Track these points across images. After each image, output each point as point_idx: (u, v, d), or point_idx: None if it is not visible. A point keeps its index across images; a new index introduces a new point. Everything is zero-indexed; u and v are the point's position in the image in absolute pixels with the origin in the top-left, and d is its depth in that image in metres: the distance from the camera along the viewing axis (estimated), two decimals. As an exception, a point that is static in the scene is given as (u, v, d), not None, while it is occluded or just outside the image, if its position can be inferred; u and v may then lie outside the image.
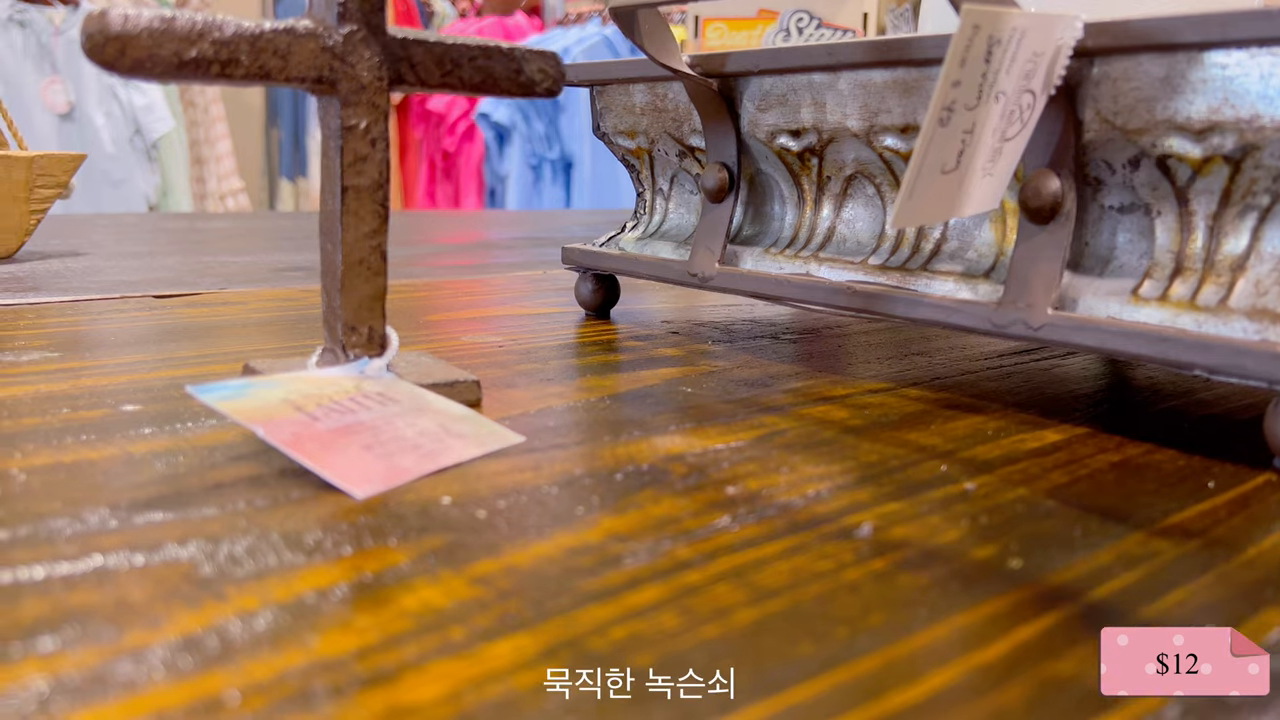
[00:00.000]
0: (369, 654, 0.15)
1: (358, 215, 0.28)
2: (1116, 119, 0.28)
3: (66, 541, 0.19)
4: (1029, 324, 0.29)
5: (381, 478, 0.22)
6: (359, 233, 0.28)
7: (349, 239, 0.28)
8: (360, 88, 0.27)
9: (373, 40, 0.27)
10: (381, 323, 0.29)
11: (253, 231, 1.10)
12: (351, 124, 0.27)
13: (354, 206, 0.28)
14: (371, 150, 0.28)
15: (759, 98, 0.39)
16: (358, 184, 0.28)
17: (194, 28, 0.24)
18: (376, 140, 0.28)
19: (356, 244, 0.28)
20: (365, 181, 0.28)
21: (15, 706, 0.13)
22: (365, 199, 0.28)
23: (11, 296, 0.51)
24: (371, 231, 0.28)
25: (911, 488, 0.23)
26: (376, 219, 0.28)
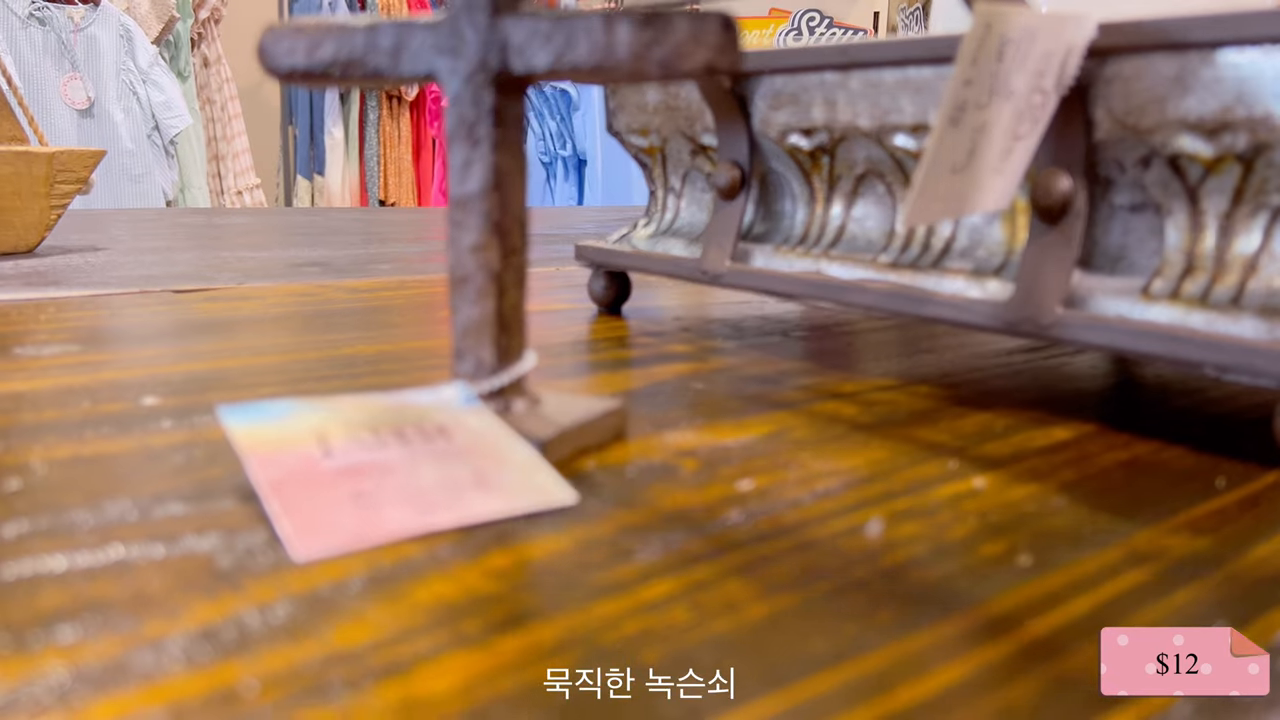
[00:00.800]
0: (383, 646, 0.15)
1: (462, 227, 0.25)
2: (1128, 118, 0.28)
3: (86, 533, 0.19)
4: (1039, 322, 0.29)
5: (343, 537, 0.19)
6: (463, 246, 0.25)
7: (454, 253, 0.25)
8: (464, 82, 0.24)
9: (476, 25, 0.24)
10: (491, 352, 0.25)
11: (270, 227, 1.11)
12: (457, 122, 0.24)
13: (458, 217, 0.25)
14: (474, 152, 0.24)
15: (771, 97, 0.39)
16: (462, 192, 0.25)
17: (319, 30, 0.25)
18: (480, 141, 0.24)
19: (461, 259, 0.25)
20: (470, 189, 0.24)
21: (35, 696, 0.14)
22: (470, 208, 0.25)
23: (33, 290, 0.52)
24: (477, 245, 0.25)
25: (921, 485, 0.23)
26: (483, 231, 0.25)
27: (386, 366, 0.35)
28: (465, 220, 0.25)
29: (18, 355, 0.35)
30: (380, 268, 0.69)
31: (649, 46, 0.22)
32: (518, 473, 0.22)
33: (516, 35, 0.24)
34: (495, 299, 0.25)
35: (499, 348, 0.25)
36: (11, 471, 0.22)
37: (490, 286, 0.25)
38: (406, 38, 0.24)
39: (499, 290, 0.25)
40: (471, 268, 0.25)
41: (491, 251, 0.25)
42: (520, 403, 0.26)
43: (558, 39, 0.23)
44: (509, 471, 0.22)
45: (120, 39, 1.99)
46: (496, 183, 0.24)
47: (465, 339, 0.25)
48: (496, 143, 0.24)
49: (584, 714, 0.14)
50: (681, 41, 0.22)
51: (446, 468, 0.22)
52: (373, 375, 0.33)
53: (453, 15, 0.24)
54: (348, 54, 0.25)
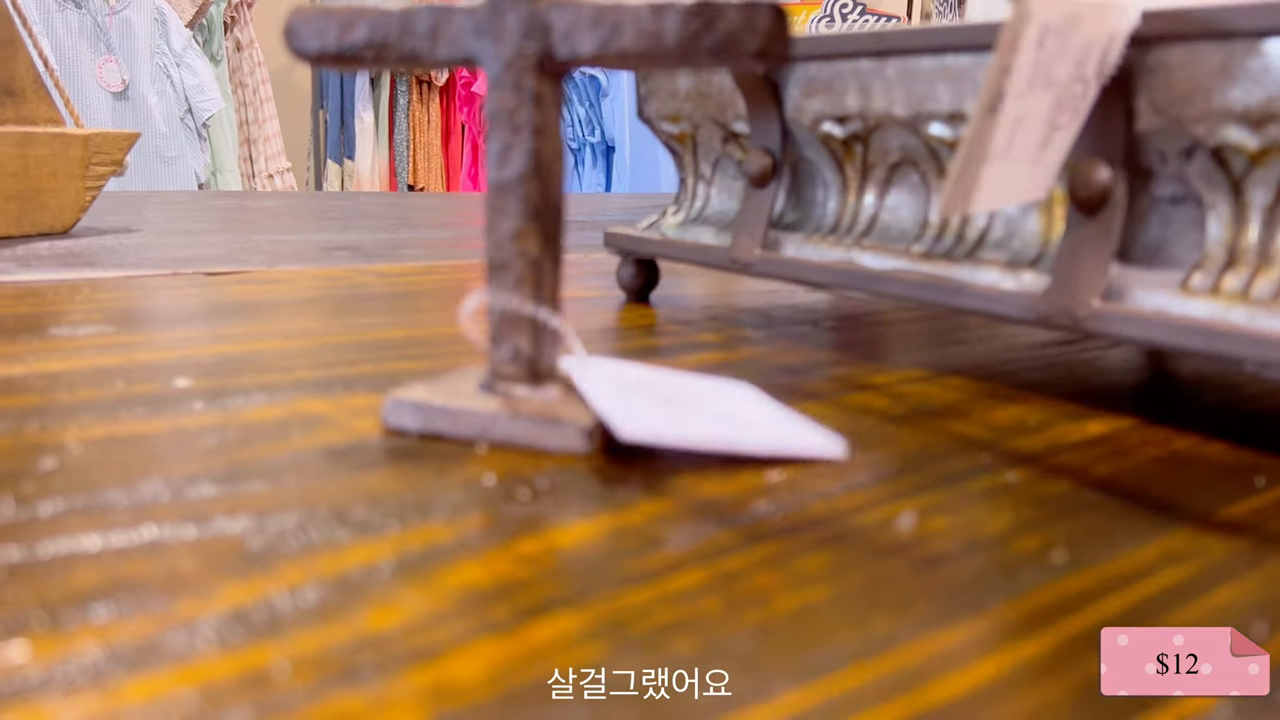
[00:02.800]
0: (413, 631, 0.15)
1: (501, 212, 0.24)
2: (1171, 108, 0.28)
3: (120, 513, 0.19)
4: (1075, 315, 0.29)
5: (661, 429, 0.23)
6: (502, 233, 0.25)
7: (492, 239, 0.25)
8: (506, 66, 0.24)
9: (519, 10, 0.24)
10: (529, 339, 0.25)
11: (300, 211, 1.11)
12: (498, 108, 0.24)
13: (497, 202, 0.24)
14: (516, 138, 0.24)
15: (804, 84, 0.38)
16: (501, 177, 0.24)
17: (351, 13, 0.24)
18: (521, 127, 0.24)
19: (499, 246, 0.25)
20: (509, 174, 0.24)
21: (69, 674, 0.14)
22: (510, 194, 0.24)
23: (68, 271, 0.52)
24: (516, 233, 0.24)
25: (953, 478, 0.23)
26: (522, 218, 0.24)
27: (415, 351, 0.35)
28: (504, 206, 0.24)
29: (53, 335, 0.35)
30: (409, 252, 0.69)
31: (699, 35, 0.22)
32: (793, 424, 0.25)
33: (561, 21, 0.23)
34: (533, 286, 0.25)
35: (537, 335, 0.25)
36: (48, 451, 0.23)
37: (529, 273, 0.25)
38: (444, 21, 0.24)
39: (537, 277, 0.25)
40: (510, 254, 0.25)
41: (530, 239, 0.25)
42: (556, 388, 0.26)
43: (604, 25, 0.23)
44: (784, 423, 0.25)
45: (154, 22, 2.00)
46: (536, 169, 0.24)
47: (503, 326, 0.25)
48: (537, 128, 0.24)
49: (613, 705, 0.14)
50: (733, 30, 0.21)
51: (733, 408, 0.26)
52: (401, 360, 0.33)
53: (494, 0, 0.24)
54: (382, 37, 0.24)
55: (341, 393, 0.29)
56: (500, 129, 0.24)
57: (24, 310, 0.41)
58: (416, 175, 2.61)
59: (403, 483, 0.22)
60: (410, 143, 2.59)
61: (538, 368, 0.25)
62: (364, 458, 0.23)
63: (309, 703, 0.13)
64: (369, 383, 0.30)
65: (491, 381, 0.26)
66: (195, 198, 1.33)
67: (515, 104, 0.24)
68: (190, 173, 2.07)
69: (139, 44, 1.98)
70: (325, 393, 0.29)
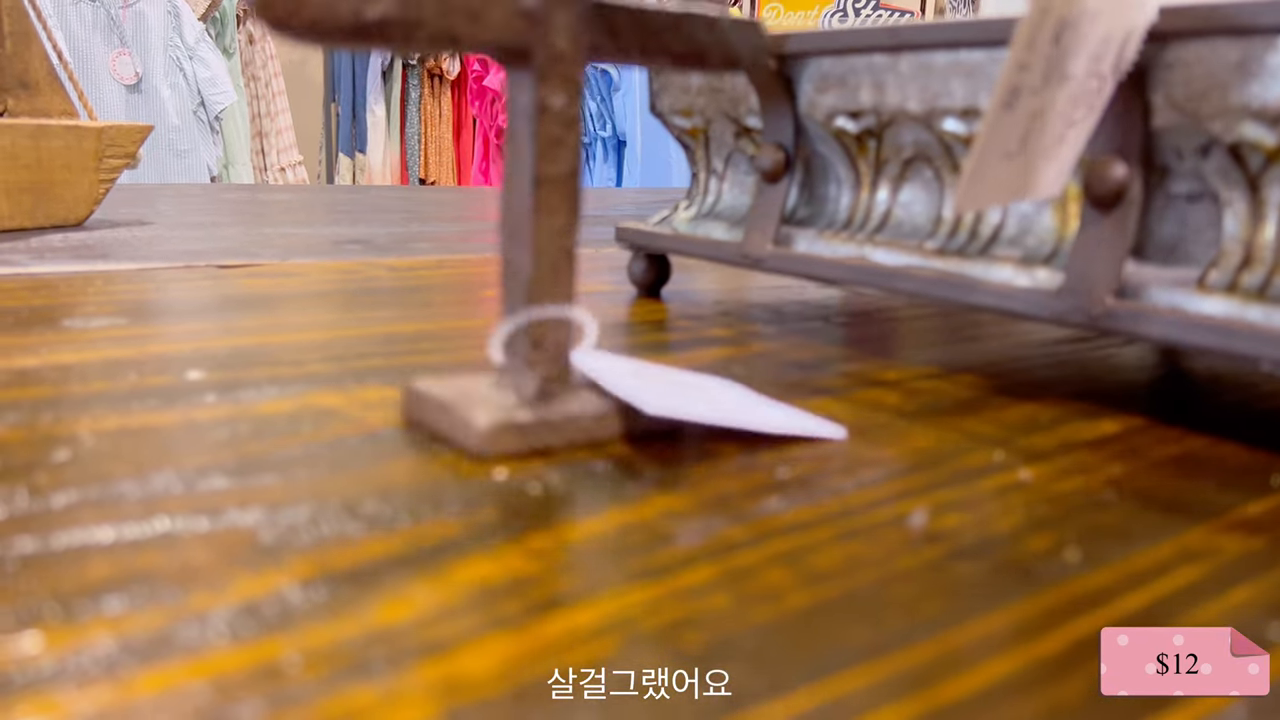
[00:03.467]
0: (425, 625, 0.15)
1: (550, 210, 0.24)
2: (1188, 104, 0.27)
3: (133, 504, 0.19)
4: (1089, 312, 0.29)
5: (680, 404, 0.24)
6: (550, 230, 0.24)
7: (540, 239, 0.24)
8: (557, 58, 0.23)
9: (573, 3, 0.23)
10: (568, 337, 0.25)
11: (312, 204, 1.12)
12: (547, 102, 0.23)
13: (546, 200, 0.24)
14: (567, 133, 0.23)
15: (818, 79, 0.38)
16: (551, 173, 0.23)
17: None
18: (572, 122, 0.24)
19: (548, 244, 0.24)
20: (560, 170, 0.23)
21: (82, 666, 0.14)
22: (559, 190, 0.24)
23: (81, 263, 0.52)
24: (563, 229, 0.24)
25: (965, 475, 0.23)
26: (569, 214, 0.24)
27: (425, 345, 0.35)
28: (553, 202, 0.24)
29: (66, 327, 0.35)
30: (420, 246, 0.69)
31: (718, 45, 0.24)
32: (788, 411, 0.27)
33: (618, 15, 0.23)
34: (571, 281, 0.25)
35: (570, 332, 0.25)
36: (61, 442, 0.23)
37: (568, 268, 0.24)
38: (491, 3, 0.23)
39: (574, 272, 0.25)
40: (557, 252, 0.24)
41: (574, 234, 0.24)
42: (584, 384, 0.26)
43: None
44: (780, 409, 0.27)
45: (168, 15, 2.01)
46: (578, 164, 0.24)
47: (545, 325, 0.24)
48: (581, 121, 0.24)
49: (623, 701, 0.14)
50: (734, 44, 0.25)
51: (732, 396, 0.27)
52: (411, 354, 0.33)
53: None
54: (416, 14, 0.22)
55: (353, 386, 0.29)
56: (549, 124, 0.23)
57: (37, 302, 0.41)
58: (428, 169, 2.61)
59: (414, 477, 0.22)
60: (422, 136, 2.59)
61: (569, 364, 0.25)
62: (375, 452, 0.23)
63: (320, 696, 0.13)
64: (381, 376, 0.30)
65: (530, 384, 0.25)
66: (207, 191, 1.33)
67: (567, 98, 0.23)
68: (203, 165, 2.07)
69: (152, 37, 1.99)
70: (337, 386, 0.29)
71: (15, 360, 0.30)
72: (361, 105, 2.52)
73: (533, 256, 0.24)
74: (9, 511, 0.19)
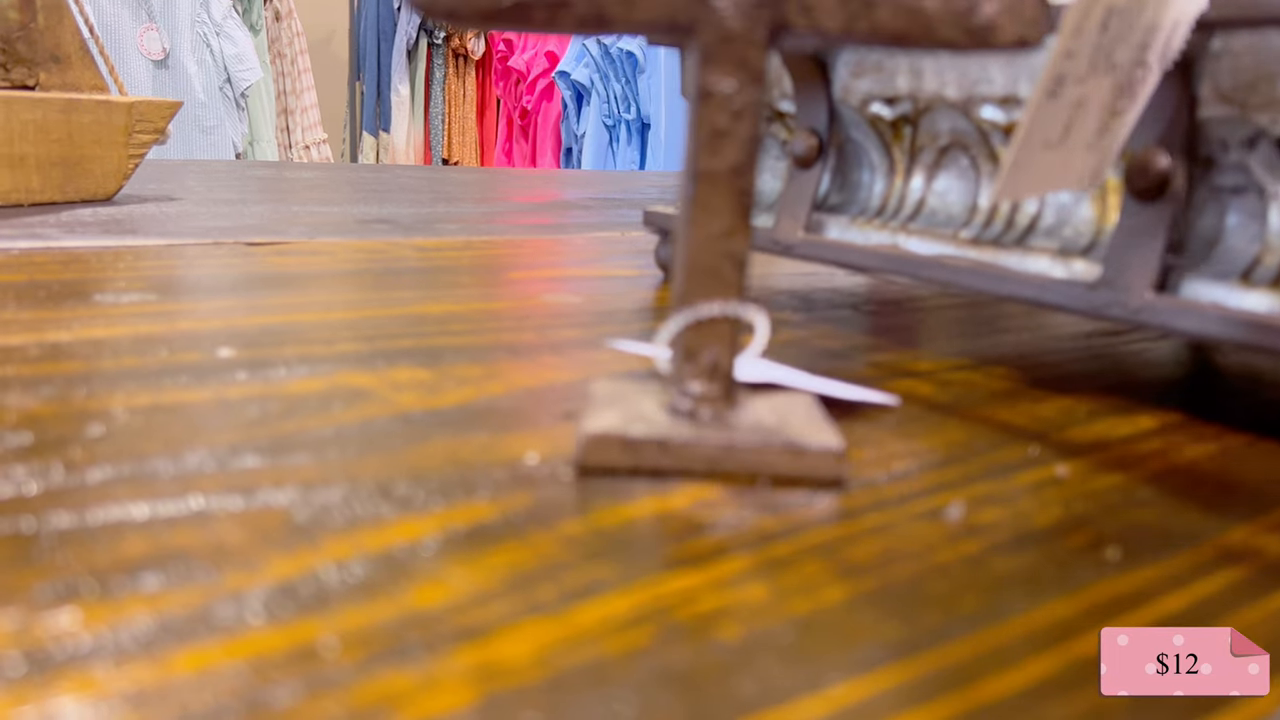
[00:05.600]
0: (460, 610, 0.15)
1: (708, 209, 0.21)
2: (1235, 95, 0.27)
3: (167, 481, 0.19)
4: (1127, 305, 0.28)
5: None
6: (708, 232, 0.21)
7: (695, 238, 0.21)
8: (725, 38, 0.20)
9: None
10: (729, 352, 0.22)
11: (337, 183, 1.12)
12: (712, 88, 0.21)
13: (705, 197, 0.21)
14: (735, 124, 0.21)
15: (854, 64, 0.38)
16: (712, 168, 0.21)
17: None
18: (743, 112, 0.21)
19: (704, 246, 0.21)
20: (722, 165, 0.21)
21: (120, 643, 0.14)
22: (720, 188, 0.21)
23: (111, 238, 0.53)
24: (725, 231, 0.21)
25: (1001, 469, 0.23)
26: (733, 215, 0.21)
27: (455, 327, 0.35)
28: (713, 201, 0.21)
29: (98, 302, 0.36)
30: (447, 227, 0.69)
31: (963, 16, 0.20)
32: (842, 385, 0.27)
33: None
34: (738, 291, 0.22)
35: (735, 346, 0.22)
36: (95, 417, 0.23)
37: (735, 277, 0.22)
38: None
39: (741, 281, 0.22)
40: (717, 256, 0.22)
41: (740, 239, 0.22)
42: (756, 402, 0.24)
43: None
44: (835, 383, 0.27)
45: (195, -9, 2.01)
46: (750, 159, 0.21)
47: (700, 337, 0.22)
48: (755, 113, 0.21)
49: (660, 691, 0.14)
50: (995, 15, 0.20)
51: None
52: (442, 335, 0.33)
53: None
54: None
55: (384, 367, 0.29)
56: (712, 112, 0.21)
57: (68, 276, 0.41)
58: (451, 149, 2.61)
59: (446, 459, 0.22)
60: (446, 116, 2.59)
61: (733, 382, 0.23)
62: (407, 433, 0.23)
63: (358, 680, 0.13)
64: (411, 357, 0.30)
65: (684, 400, 0.22)
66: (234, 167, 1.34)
67: (738, 84, 0.21)
68: (228, 142, 2.08)
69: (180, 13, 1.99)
70: (367, 366, 0.29)
71: (48, 334, 0.30)
72: (386, 84, 2.52)
73: (686, 263, 0.22)
74: (45, 485, 0.19)
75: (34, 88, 0.66)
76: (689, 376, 0.22)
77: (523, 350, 0.32)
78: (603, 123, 2.40)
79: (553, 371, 0.29)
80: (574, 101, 2.44)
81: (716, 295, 0.22)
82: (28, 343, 0.29)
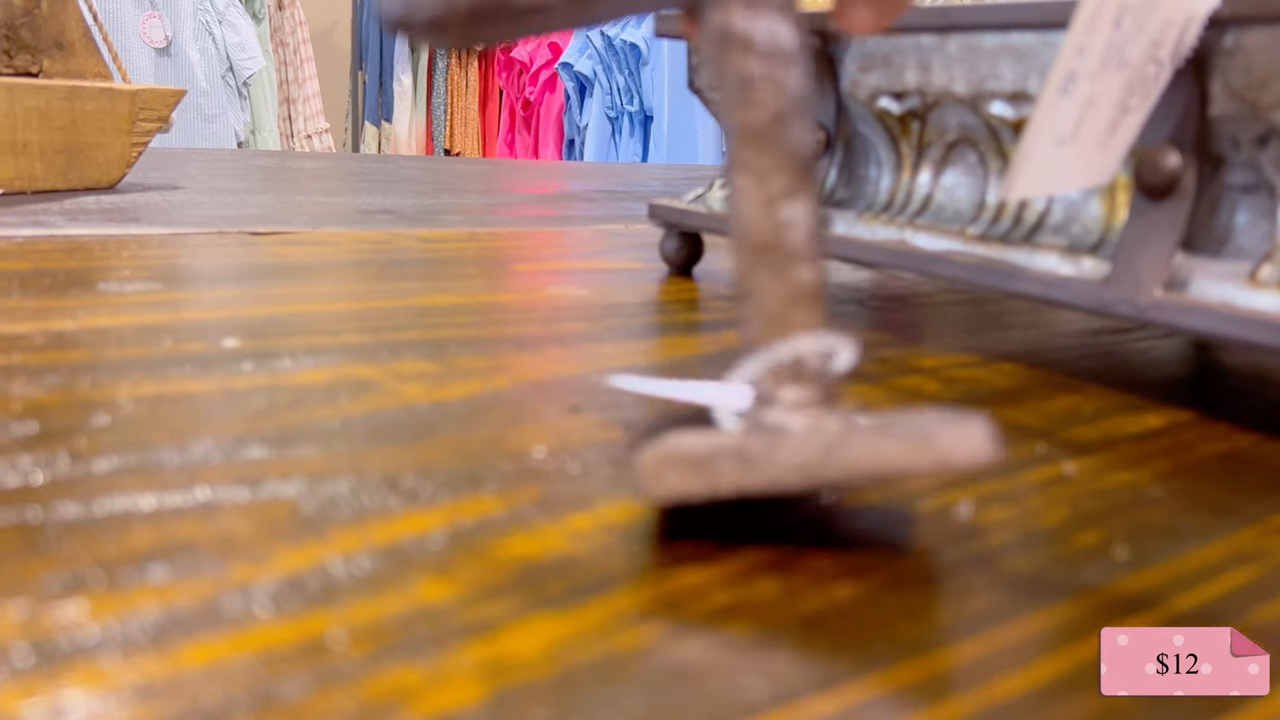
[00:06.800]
0: (469, 604, 0.15)
1: (755, 172, 0.17)
2: (1248, 93, 0.27)
3: (173, 472, 0.19)
4: (1136, 303, 0.28)
5: None
6: (760, 198, 0.17)
7: (747, 208, 0.17)
8: None
9: None
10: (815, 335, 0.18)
11: (340, 172, 1.11)
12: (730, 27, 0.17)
13: (748, 157, 0.17)
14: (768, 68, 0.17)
15: (862, 58, 0.38)
16: (747, 120, 0.17)
17: None
18: (777, 53, 0.17)
19: (758, 217, 0.17)
20: (761, 116, 0.17)
21: (129, 634, 0.14)
22: (764, 145, 0.17)
23: (115, 226, 0.53)
24: (782, 192, 0.17)
25: (1009, 468, 0.23)
26: (788, 173, 0.17)
27: (461, 319, 0.35)
28: (760, 161, 0.17)
29: (102, 290, 0.36)
30: (451, 218, 0.69)
31: None
32: None
33: None
34: (813, 268, 0.18)
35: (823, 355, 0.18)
36: (100, 407, 0.23)
37: (806, 249, 0.17)
38: None
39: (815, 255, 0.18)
40: (771, 228, 0.17)
41: (801, 201, 0.17)
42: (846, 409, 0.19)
43: None
44: None
45: (198, -22, 2.00)
46: (801, 105, 0.17)
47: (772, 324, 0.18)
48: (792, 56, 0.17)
49: (670, 687, 0.13)
50: None
51: None
52: (446, 327, 0.33)
53: None
54: None
55: (389, 358, 0.28)
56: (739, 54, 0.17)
57: (73, 265, 0.41)
58: (453, 140, 2.61)
59: (452, 452, 0.21)
60: (448, 107, 2.59)
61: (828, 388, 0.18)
62: (413, 425, 0.23)
63: (367, 674, 0.13)
64: (416, 349, 0.30)
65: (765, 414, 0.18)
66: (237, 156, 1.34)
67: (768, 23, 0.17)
68: (230, 131, 2.07)
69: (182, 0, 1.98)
70: (373, 358, 0.28)
71: (53, 323, 0.30)
72: (389, 74, 2.51)
73: (741, 242, 0.18)
74: (51, 475, 0.19)
75: (37, 75, 0.66)
76: (772, 386, 0.18)
77: (528, 343, 0.32)
78: (605, 115, 2.39)
79: (559, 364, 0.29)
80: (577, 93, 2.43)
81: (783, 277, 0.17)
82: (33, 331, 0.29)
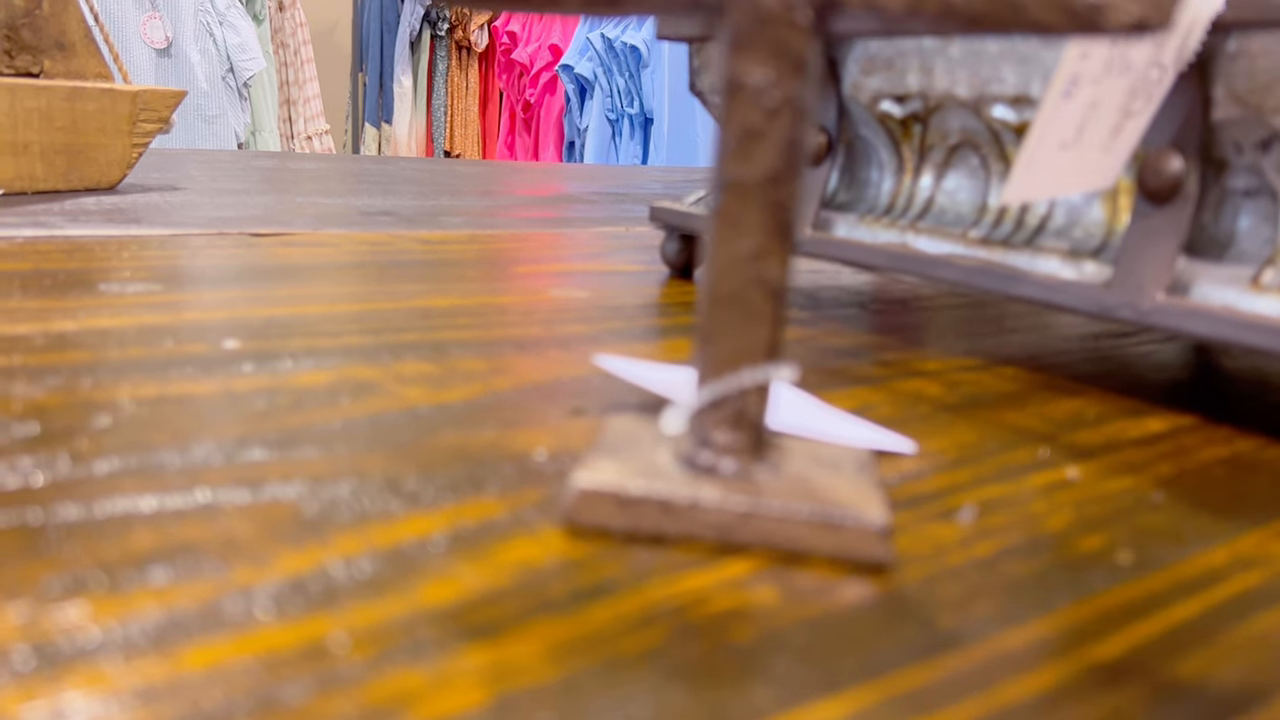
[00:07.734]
0: (472, 608, 0.15)
1: (736, 225, 0.18)
2: (1250, 97, 0.27)
3: (174, 474, 0.19)
4: (1138, 307, 0.28)
5: None
6: (736, 252, 0.18)
7: (720, 259, 0.18)
8: (761, 19, 0.17)
9: None
10: (761, 400, 0.19)
11: (340, 174, 1.11)
12: (743, 78, 0.17)
13: (732, 212, 0.18)
14: (770, 124, 0.17)
15: (864, 61, 0.38)
16: (741, 176, 0.18)
17: None
18: (780, 109, 0.17)
19: (730, 269, 0.18)
20: (754, 173, 0.18)
21: (130, 637, 0.14)
22: (751, 200, 0.18)
23: (115, 227, 0.52)
24: (755, 253, 0.18)
25: (1012, 471, 0.23)
26: (765, 232, 0.18)
27: (461, 321, 0.35)
28: (741, 216, 0.18)
29: (103, 291, 0.35)
30: (451, 220, 0.69)
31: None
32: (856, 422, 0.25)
33: None
34: (770, 324, 0.18)
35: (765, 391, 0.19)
36: (101, 408, 0.23)
37: (766, 307, 0.18)
38: None
39: (775, 313, 0.18)
40: (744, 281, 0.18)
41: (773, 261, 0.18)
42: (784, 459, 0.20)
43: None
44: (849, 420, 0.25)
45: (199, -21, 2.00)
46: (790, 167, 0.18)
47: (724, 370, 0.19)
48: (798, 111, 0.17)
49: (673, 692, 0.13)
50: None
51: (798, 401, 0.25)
52: (449, 329, 0.33)
53: None
54: None
55: (390, 360, 0.28)
56: (742, 108, 0.17)
57: (73, 265, 0.41)
58: (454, 142, 2.61)
59: (453, 455, 0.21)
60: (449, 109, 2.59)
61: (761, 434, 0.19)
62: (414, 427, 0.23)
63: (369, 677, 0.13)
64: (417, 351, 0.30)
65: (699, 453, 0.19)
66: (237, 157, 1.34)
67: (774, 75, 0.17)
68: (230, 132, 2.07)
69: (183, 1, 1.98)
70: (374, 360, 0.28)
71: (54, 324, 0.30)
72: (389, 76, 2.51)
73: (710, 289, 0.18)
74: (52, 477, 0.19)
75: (38, 75, 0.65)
76: (710, 424, 0.19)
77: (529, 345, 0.32)
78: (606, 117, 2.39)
79: (560, 366, 0.29)
80: (577, 95, 2.43)
81: (744, 329, 0.18)
82: (33, 332, 0.29)
